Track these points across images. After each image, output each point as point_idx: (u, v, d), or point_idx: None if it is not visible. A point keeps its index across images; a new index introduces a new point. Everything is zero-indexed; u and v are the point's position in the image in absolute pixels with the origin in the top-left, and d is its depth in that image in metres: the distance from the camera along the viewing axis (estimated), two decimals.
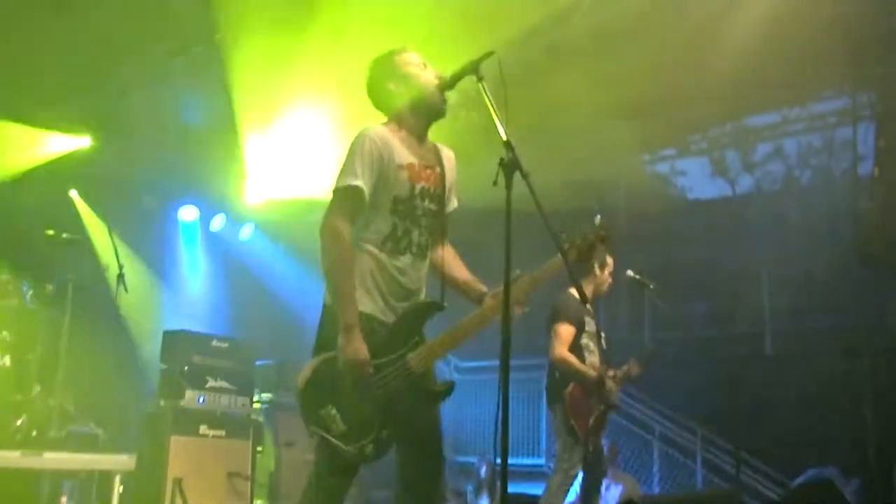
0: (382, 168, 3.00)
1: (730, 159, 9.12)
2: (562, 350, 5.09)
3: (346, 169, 2.98)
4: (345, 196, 2.97)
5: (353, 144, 3.03)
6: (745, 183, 9.48)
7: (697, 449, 9.19)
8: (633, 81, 6.93)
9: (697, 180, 9.44)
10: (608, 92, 6.93)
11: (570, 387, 5.09)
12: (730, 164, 9.19)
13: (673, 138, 8.13)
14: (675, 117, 7.68)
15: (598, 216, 3.11)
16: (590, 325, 5.28)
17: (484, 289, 3.09)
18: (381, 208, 3.03)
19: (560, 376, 5.16)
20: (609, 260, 5.33)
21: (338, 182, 2.99)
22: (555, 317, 5.17)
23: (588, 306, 5.25)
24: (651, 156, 8.70)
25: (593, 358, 5.23)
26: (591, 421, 5.08)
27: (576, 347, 5.15)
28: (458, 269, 3.26)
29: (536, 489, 5.50)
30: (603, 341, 5.37)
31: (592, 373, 5.11)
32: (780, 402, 8.50)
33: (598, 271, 5.29)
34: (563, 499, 5.15)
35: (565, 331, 5.14)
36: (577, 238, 3.02)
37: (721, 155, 8.99)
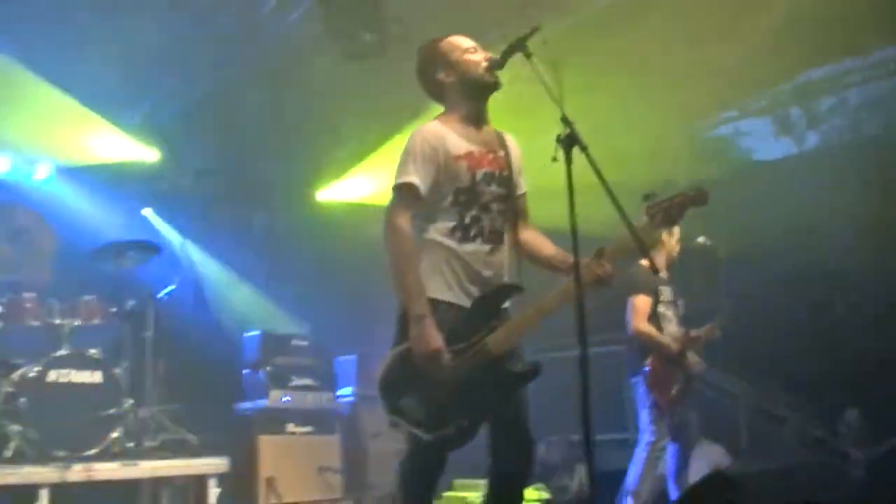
0: (438, 162, 3.04)
1: (794, 116, 8.87)
2: (640, 322, 5.07)
3: (401, 167, 3.05)
4: (401, 193, 3.03)
5: (407, 143, 3.09)
6: (811, 139, 9.23)
7: (786, 416, 8.99)
8: (687, 43, 6.81)
9: (762, 140, 9.20)
10: (665, 55, 6.82)
11: (650, 359, 5.06)
12: (794, 122, 8.94)
13: (734, 99, 7.94)
14: (735, 77, 7.52)
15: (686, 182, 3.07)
16: (665, 293, 5.23)
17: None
18: (444, 201, 3.07)
19: (640, 348, 5.14)
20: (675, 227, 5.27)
21: (395, 180, 3.06)
22: (630, 289, 5.15)
23: (662, 274, 5.21)
24: (712, 118, 8.51)
25: (671, 326, 5.19)
26: (673, 392, 5.04)
27: (653, 317, 5.12)
28: (543, 245, 3.23)
29: (623, 463, 5.47)
30: (681, 307, 5.31)
31: (673, 344, 5.07)
32: (869, 363, 8.27)
33: (665, 238, 5.24)
34: (652, 472, 5.12)
35: (642, 302, 5.11)
36: (665, 202, 2.98)
37: (784, 112, 8.74)
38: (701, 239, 5.58)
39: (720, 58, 7.10)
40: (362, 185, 8.91)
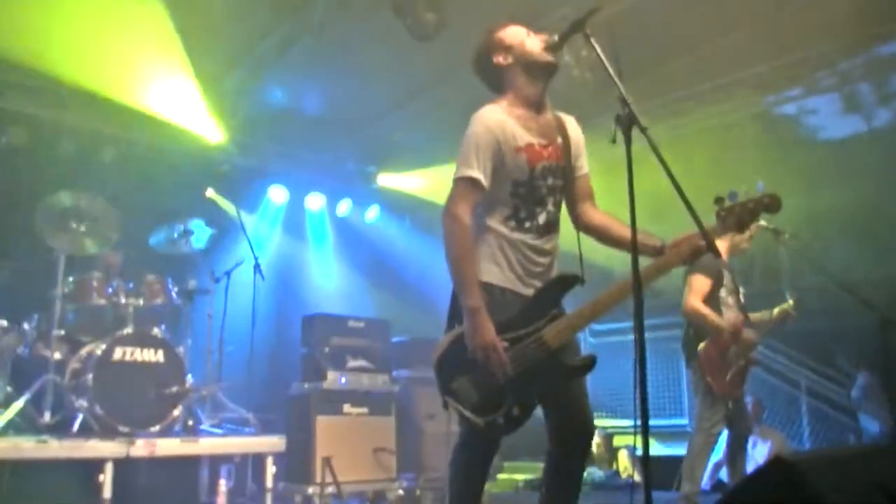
0: (499, 154, 3.01)
1: (863, 93, 8.58)
2: (694, 300, 4.97)
3: (464, 158, 3.01)
4: (463, 186, 3.00)
5: (469, 132, 3.05)
6: (883, 117, 8.93)
7: (848, 401, 8.80)
8: (752, 19, 6.64)
9: (829, 119, 8.94)
10: (727, 31, 6.66)
11: (704, 344, 4.98)
12: (863, 98, 8.64)
13: (798, 76, 7.70)
14: (800, 54, 7.31)
15: (761, 184, 2.98)
16: (728, 279, 5.13)
17: (658, 242, 2.96)
18: (502, 192, 3.05)
19: (694, 333, 5.05)
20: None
21: (456, 172, 3.03)
22: (691, 268, 5.04)
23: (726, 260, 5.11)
24: (776, 97, 8.26)
25: (731, 313, 5.07)
26: (728, 377, 4.94)
27: (713, 300, 5.01)
28: (616, 226, 3.15)
29: (680, 449, 5.41)
30: (741, 296, 5.20)
31: (725, 325, 4.97)
32: None
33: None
34: (707, 458, 5.04)
35: (699, 282, 5.00)
36: (738, 206, 2.87)
37: (853, 89, 8.45)
38: (763, 222, 5.46)
39: (783, 33, 6.91)
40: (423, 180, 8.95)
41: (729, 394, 4.96)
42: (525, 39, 3.14)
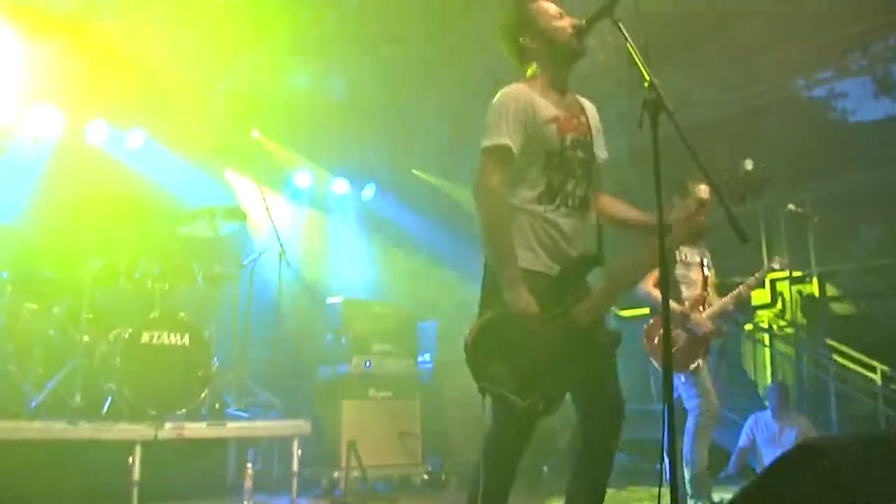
0: (528, 125, 2.97)
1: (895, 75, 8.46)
2: (645, 284, 5.05)
3: (492, 128, 2.96)
4: (493, 155, 2.95)
5: (495, 105, 3.01)
6: None
7: (878, 387, 8.71)
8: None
9: (860, 102, 8.82)
10: (757, 13, 6.57)
11: (651, 322, 5.15)
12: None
13: (829, 58, 7.59)
14: (831, 36, 7.20)
15: (749, 161, 2.94)
16: (686, 255, 5.21)
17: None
18: (534, 165, 3.00)
19: (650, 313, 5.22)
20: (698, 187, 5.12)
21: (484, 142, 2.97)
22: None
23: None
24: (806, 80, 8.15)
25: (690, 291, 5.18)
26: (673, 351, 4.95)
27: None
28: (625, 209, 3.16)
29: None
30: (706, 268, 5.25)
31: (676, 306, 5.06)
32: None
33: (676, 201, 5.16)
34: (704, 438, 5.01)
35: None
36: (728, 190, 2.84)
37: (885, 71, 8.32)
38: (791, 206, 5.43)
39: (813, 14, 6.81)
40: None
41: (680, 368, 4.99)
42: (556, 24, 3.10)
